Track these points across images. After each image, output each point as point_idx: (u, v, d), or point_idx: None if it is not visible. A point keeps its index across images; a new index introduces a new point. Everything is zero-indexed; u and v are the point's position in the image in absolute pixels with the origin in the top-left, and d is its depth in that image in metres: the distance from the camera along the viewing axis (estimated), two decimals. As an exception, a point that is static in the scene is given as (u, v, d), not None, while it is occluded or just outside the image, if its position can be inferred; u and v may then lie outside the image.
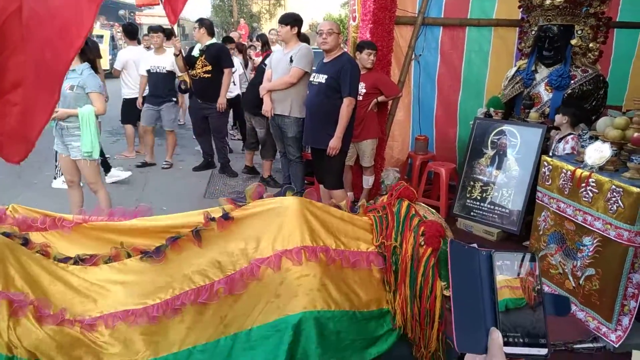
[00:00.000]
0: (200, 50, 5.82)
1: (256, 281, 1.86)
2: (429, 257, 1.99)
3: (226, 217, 2.03)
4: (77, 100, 3.79)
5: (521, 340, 0.71)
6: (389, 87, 4.76)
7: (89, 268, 1.91)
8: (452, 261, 0.75)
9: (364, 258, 2.02)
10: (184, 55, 5.76)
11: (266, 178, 5.75)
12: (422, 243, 2.04)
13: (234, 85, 6.87)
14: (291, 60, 4.64)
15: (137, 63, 6.45)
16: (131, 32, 7.01)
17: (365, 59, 4.60)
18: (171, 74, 6.27)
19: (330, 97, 4.11)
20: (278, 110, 4.76)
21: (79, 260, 1.92)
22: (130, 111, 6.55)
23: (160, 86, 6.20)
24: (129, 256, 1.96)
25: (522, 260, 0.75)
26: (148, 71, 6.21)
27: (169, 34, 6.48)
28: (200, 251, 1.96)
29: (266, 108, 4.82)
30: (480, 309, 0.73)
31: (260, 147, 5.84)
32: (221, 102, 5.81)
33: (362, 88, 4.53)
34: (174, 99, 6.40)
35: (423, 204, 2.39)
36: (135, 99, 6.42)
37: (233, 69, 6.37)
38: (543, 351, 0.72)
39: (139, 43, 7.19)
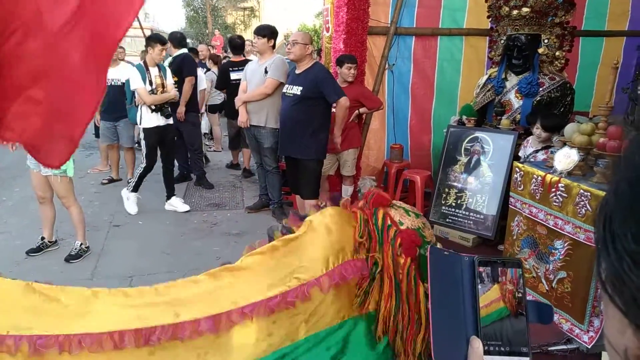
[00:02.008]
0: (169, 63, 5.77)
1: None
2: (409, 268, 1.99)
3: None
4: None
5: (502, 349, 0.70)
6: (371, 100, 4.81)
7: None
8: (431, 268, 0.74)
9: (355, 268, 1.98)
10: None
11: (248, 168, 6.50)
12: (400, 254, 2.03)
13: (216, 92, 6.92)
14: (266, 72, 4.66)
15: None
16: None
17: (346, 73, 4.64)
18: (124, 87, 6.01)
19: (306, 107, 4.14)
20: (254, 121, 4.76)
21: None
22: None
23: (115, 100, 5.90)
24: None
25: (506, 267, 0.73)
26: None
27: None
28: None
29: (242, 119, 4.81)
30: (461, 317, 0.72)
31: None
32: (180, 111, 5.69)
33: None
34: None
35: (398, 203, 2.37)
36: None
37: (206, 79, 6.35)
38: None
39: None
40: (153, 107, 4.95)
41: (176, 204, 5.30)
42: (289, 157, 4.48)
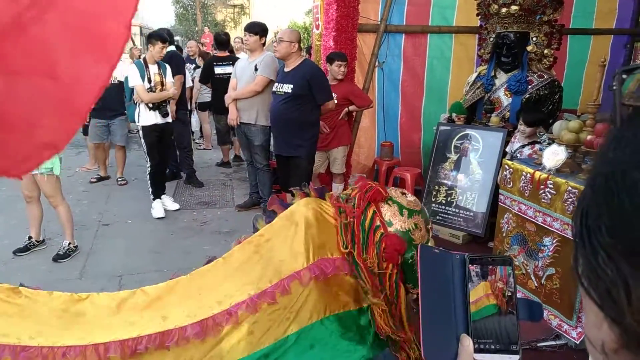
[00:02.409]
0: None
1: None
2: (391, 273, 1.98)
3: None
4: None
5: (492, 346, 0.70)
6: (361, 98, 4.81)
7: None
8: (421, 266, 0.74)
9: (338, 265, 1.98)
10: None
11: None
12: (383, 259, 2.02)
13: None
14: (256, 69, 4.64)
15: None
16: None
17: (336, 70, 4.64)
18: (121, 85, 5.96)
19: (297, 106, 4.14)
20: (244, 119, 4.74)
21: None
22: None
23: (111, 98, 5.76)
24: None
25: (496, 265, 0.74)
26: None
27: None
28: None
29: (232, 117, 4.79)
30: (451, 315, 0.72)
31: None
32: (171, 109, 5.51)
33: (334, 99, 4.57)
34: (125, 112, 6.15)
35: (395, 196, 2.29)
36: None
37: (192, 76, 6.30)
38: (514, 358, 0.70)
39: None
40: (150, 105, 4.88)
41: (166, 202, 5.26)
42: (280, 155, 4.47)
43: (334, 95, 4.57)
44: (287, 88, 4.17)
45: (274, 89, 4.36)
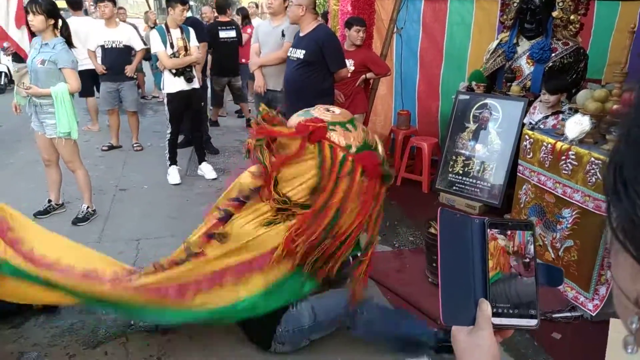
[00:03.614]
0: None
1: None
2: (378, 192, 2.15)
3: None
4: (48, 76, 3.66)
5: (510, 311, 0.70)
6: (379, 65, 4.71)
7: None
8: (441, 230, 0.73)
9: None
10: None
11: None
12: (364, 180, 2.16)
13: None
14: (283, 35, 4.53)
15: (86, 35, 5.91)
16: (74, 2, 6.55)
17: (354, 35, 4.53)
18: (127, 49, 5.87)
19: (308, 72, 4.05)
20: (270, 86, 4.66)
21: None
22: (85, 83, 6.17)
23: (118, 63, 5.75)
24: None
25: (517, 229, 0.73)
26: (102, 47, 5.76)
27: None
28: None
29: (259, 83, 4.69)
30: (470, 280, 0.71)
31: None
32: (197, 77, 5.53)
33: (350, 65, 4.48)
34: (135, 77, 6.11)
35: (328, 116, 2.43)
36: (87, 70, 5.91)
37: None
38: (533, 322, 0.71)
39: (86, 13, 6.83)
40: (174, 71, 4.80)
41: (206, 170, 5.25)
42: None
43: (352, 61, 4.48)
44: (300, 54, 4.07)
45: (288, 54, 4.27)
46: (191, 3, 14.60)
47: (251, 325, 2.48)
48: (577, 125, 2.90)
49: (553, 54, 4.04)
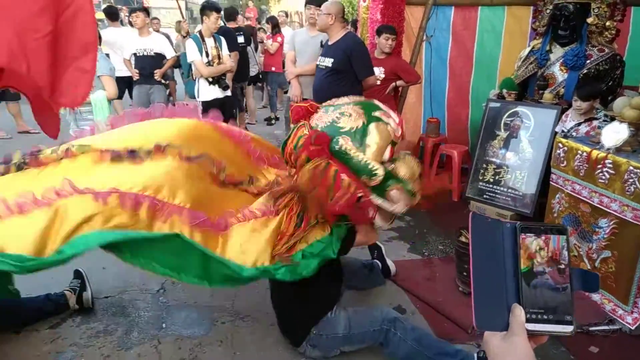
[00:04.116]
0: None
1: None
2: (326, 167, 2.10)
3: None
4: None
5: (545, 317, 0.69)
6: (409, 73, 4.70)
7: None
8: (472, 235, 0.73)
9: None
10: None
11: None
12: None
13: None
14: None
15: (122, 44, 6.15)
16: (112, 14, 6.81)
17: (383, 43, 4.54)
18: (159, 57, 6.02)
19: (337, 80, 4.07)
20: (306, 95, 4.70)
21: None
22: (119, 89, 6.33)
23: (149, 69, 5.93)
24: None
25: (550, 233, 0.72)
26: (134, 55, 5.96)
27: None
28: None
29: (296, 92, 4.72)
30: (502, 285, 0.71)
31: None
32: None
33: (380, 73, 4.48)
34: (165, 82, 6.23)
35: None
36: (121, 77, 6.00)
37: None
38: (568, 328, 0.69)
39: (122, 24, 7.04)
40: (210, 80, 4.88)
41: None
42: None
43: (381, 69, 4.48)
44: (328, 62, 4.09)
45: (317, 63, 4.30)
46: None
47: (288, 319, 2.49)
48: (614, 133, 2.83)
49: (588, 61, 3.96)
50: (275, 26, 8.13)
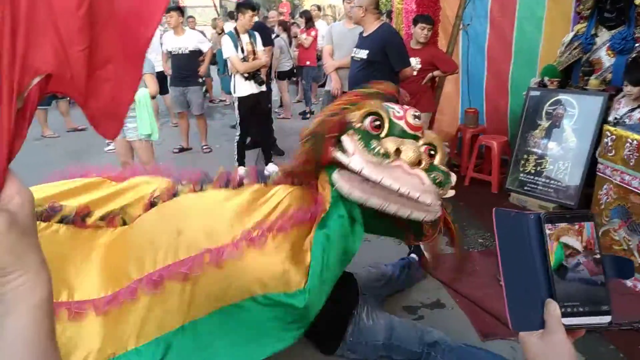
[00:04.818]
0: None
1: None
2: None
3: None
4: None
5: (581, 309, 0.66)
6: (446, 63, 4.61)
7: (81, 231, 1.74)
8: (498, 232, 0.70)
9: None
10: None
11: None
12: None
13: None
14: None
15: (155, 43, 6.24)
16: None
17: (419, 33, 4.46)
18: (194, 54, 6.12)
19: (372, 72, 4.01)
20: (346, 88, 4.68)
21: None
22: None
23: (185, 68, 6.04)
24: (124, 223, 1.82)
25: (577, 221, 0.68)
26: (170, 53, 6.10)
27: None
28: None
29: (336, 85, 4.70)
30: (534, 281, 0.67)
31: None
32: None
33: (417, 63, 4.41)
34: (201, 80, 6.30)
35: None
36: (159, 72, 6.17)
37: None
38: (606, 319, 0.66)
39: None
40: (246, 75, 4.95)
41: (272, 170, 5.36)
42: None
43: (418, 59, 4.41)
44: (363, 54, 4.05)
45: (352, 55, 4.27)
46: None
47: (318, 327, 2.41)
48: (666, 120, 2.69)
49: (637, 44, 3.77)
50: (309, 20, 8.12)
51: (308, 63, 8.16)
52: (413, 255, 3.23)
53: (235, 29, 5.01)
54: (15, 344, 0.45)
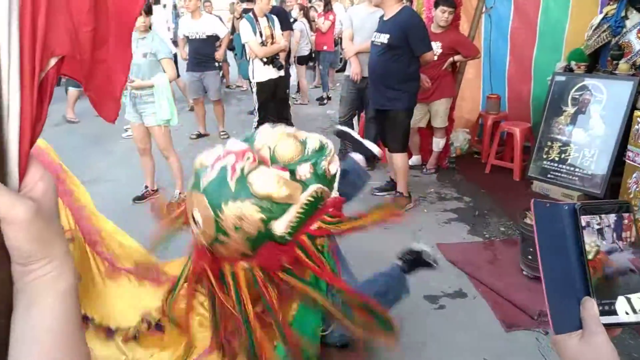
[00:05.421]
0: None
1: None
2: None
3: None
4: (151, 68, 3.89)
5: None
6: (468, 47, 4.50)
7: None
8: (537, 225, 0.64)
9: None
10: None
11: None
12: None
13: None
14: None
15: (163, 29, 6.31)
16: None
17: (439, 16, 4.35)
18: (211, 39, 6.05)
19: (393, 57, 3.93)
20: (365, 73, 4.61)
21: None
22: None
23: (202, 52, 5.99)
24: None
25: (616, 212, 0.63)
26: (187, 37, 6.04)
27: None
28: None
29: (356, 70, 4.65)
30: (571, 277, 0.62)
31: None
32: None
33: (438, 48, 4.31)
34: (217, 64, 6.25)
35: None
36: None
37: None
38: None
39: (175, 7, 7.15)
40: (265, 60, 4.88)
41: None
42: (378, 109, 4.34)
43: (439, 44, 4.31)
44: (384, 38, 3.95)
45: (372, 39, 4.17)
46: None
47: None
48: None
49: (669, 27, 3.63)
50: (327, 4, 8.01)
51: (325, 48, 8.07)
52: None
53: (254, 12, 4.94)
54: (41, 335, 0.44)
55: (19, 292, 0.44)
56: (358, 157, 2.59)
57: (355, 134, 2.80)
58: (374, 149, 2.62)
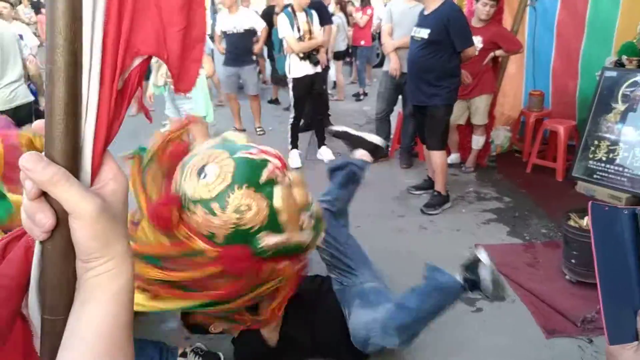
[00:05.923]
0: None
1: None
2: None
3: None
4: None
5: None
6: (510, 41, 4.36)
7: None
8: (594, 230, 0.60)
9: None
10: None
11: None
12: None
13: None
14: None
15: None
16: None
17: (480, 9, 4.24)
18: (248, 34, 6.04)
19: (433, 53, 3.85)
20: (404, 68, 4.55)
21: None
22: None
23: (239, 47, 5.99)
24: None
25: None
26: (224, 33, 6.04)
27: None
28: None
29: (395, 66, 4.61)
30: (627, 285, 0.58)
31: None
32: (322, 60, 5.28)
33: (478, 42, 4.20)
34: (255, 59, 6.26)
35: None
36: None
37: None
38: None
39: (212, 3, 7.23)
40: (301, 55, 4.87)
41: (325, 153, 5.29)
42: (416, 105, 4.26)
43: (480, 38, 4.19)
44: (424, 33, 3.87)
45: (412, 34, 4.09)
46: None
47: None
48: None
49: None
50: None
51: (362, 43, 7.99)
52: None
53: (292, 7, 4.92)
54: (88, 332, 0.45)
55: (79, 287, 0.45)
56: (362, 153, 2.63)
57: (352, 130, 2.84)
58: (376, 140, 2.71)
